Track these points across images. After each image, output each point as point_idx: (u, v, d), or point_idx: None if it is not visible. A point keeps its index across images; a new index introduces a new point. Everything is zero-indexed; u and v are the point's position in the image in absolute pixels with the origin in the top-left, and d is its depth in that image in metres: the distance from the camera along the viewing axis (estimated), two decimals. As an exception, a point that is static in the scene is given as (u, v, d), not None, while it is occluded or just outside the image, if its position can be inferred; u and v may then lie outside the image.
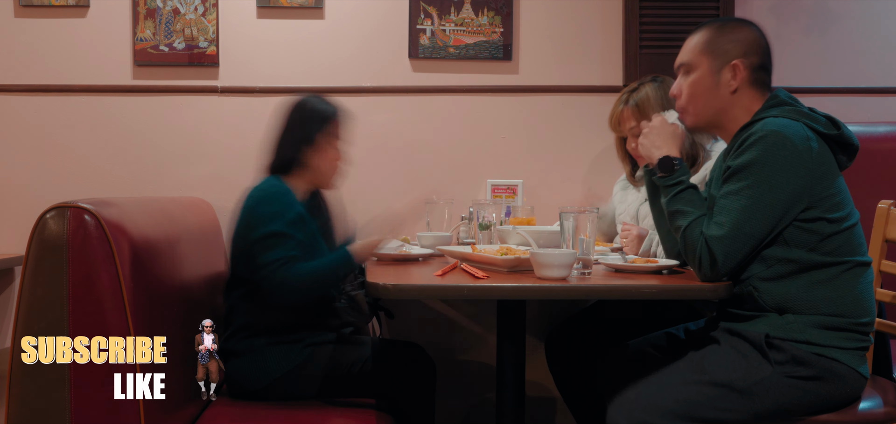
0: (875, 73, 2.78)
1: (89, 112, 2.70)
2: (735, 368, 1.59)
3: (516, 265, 1.72)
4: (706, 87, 1.74)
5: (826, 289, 1.61)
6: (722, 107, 1.74)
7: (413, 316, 2.74)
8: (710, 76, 1.74)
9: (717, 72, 1.73)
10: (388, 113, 2.73)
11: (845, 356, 1.61)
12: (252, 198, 1.91)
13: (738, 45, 1.72)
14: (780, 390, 1.58)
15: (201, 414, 1.83)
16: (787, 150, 1.58)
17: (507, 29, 2.72)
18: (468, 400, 2.78)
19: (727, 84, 1.72)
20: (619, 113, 2.27)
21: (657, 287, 1.60)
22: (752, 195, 1.58)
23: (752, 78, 1.72)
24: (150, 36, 2.68)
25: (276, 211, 1.86)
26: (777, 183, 1.58)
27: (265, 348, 1.89)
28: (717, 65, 1.73)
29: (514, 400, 1.81)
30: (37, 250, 1.48)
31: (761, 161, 1.58)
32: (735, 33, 1.74)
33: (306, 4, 2.70)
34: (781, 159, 1.58)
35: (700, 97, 1.75)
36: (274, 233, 1.83)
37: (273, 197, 1.89)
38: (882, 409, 1.67)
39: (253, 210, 1.88)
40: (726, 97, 1.73)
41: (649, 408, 1.57)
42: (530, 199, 2.70)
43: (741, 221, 1.58)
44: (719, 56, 1.73)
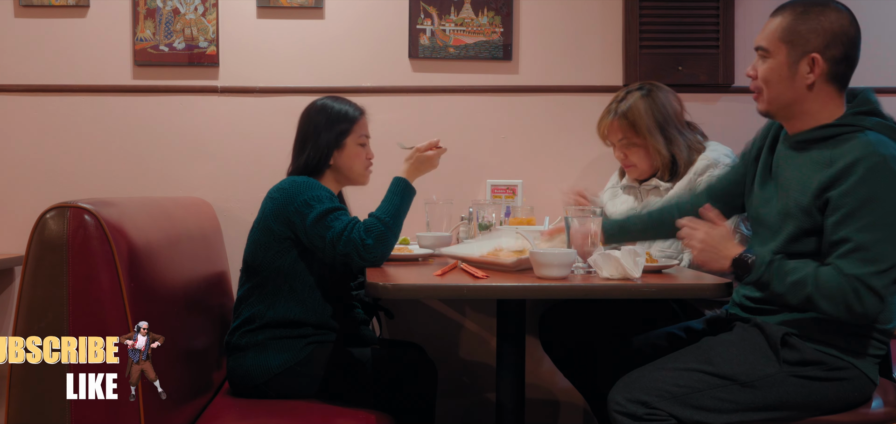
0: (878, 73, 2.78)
1: (89, 112, 2.70)
2: (741, 362, 1.59)
3: (517, 265, 1.72)
4: (781, 77, 1.65)
5: None
6: (796, 98, 1.66)
7: (413, 316, 2.74)
8: (786, 66, 1.64)
9: (795, 63, 1.64)
10: (388, 113, 2.72)
11: (861, 361, 1.61)
12: (284, 191, 1.92)
13: (820, 35, 1.62)
14: (784, 387, 1.58)
15: (202, 413, 1.84)
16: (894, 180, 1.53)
17: (507, 29, 2.72)
18: (468, 400, 2.78)
19: (804, 77, 1.63)
20: (607, 124, 2.25)
21: (657, 286, 1.60)
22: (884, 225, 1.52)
23: (832, 72, 1.63)
24: (150, 36, 2.68)
25: (317, 194, 1.89)
26: None
27: (268, 342, 1.90)
28: (796, 55, 1.63)
29: (514, 400, 1.81)
30: (37, 250, 1.48)
31: (875, 196, 1.53)
32: (819, 20, 1.62)
33: (306, 4, 2.70)
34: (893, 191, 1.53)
35: (774, 86, 1.66)
36: (327, 211, 1.86)
37: (307, 184, 1.92)
38: (883, 409, 1.68)
39: (292, 200, 1.89)
40: (802, 90, 1.65)
41: (648, 389, 1.58)
42: (530, 199, 2.70)
43: (886, 252, 1.52)
44: (798, 45, 1.63)
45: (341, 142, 2.03)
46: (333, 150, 2.03)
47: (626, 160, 2.25)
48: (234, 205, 2.70)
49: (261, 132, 2.71)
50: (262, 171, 2.69)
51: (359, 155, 2.07)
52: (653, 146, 2.17)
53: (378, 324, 2.65)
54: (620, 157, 2.27)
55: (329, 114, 2.04)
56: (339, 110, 2.05)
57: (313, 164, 2.02)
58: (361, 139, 2.07)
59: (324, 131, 2.02)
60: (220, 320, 2.18)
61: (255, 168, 2.70)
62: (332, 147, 2.03)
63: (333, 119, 2.04)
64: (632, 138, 2.20)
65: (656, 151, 2.17)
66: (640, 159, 2.22)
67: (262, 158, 2.70)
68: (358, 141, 2.06)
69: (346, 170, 2.06)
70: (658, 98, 2.18)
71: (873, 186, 1.53)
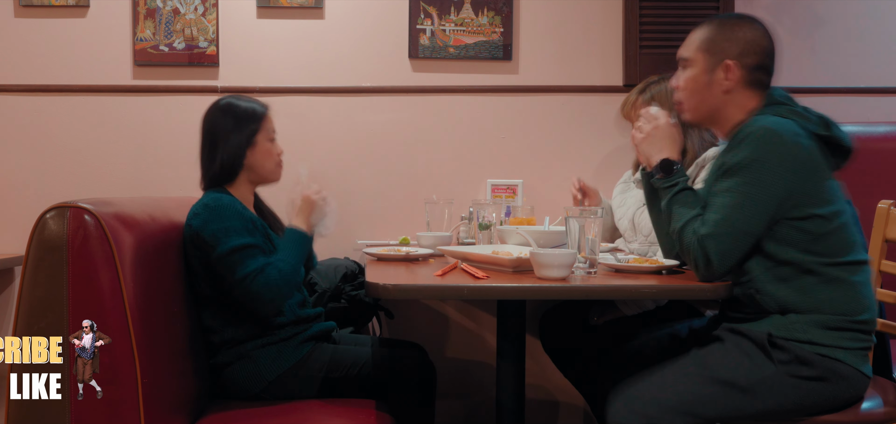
0: (871, 73, 2.78)
1: (89, 112, 2.70)
2: (738, 366, 1.59)
3: (518, 265, 1.72)
4: (700, 85, 1.74)
5: (825, 290, 1.61)
6: (716, 105, 1.74)
7: (413, 316, 2.74)
8: (704, 74, 1.73)
9: (711, 70, 1.72)
10: (388, 113, 2.73)
11: (848, 356, 1.61)
12: (198, 218, 1.86)
13: (736, 44, 1.71)
14: (782, 389, 1.58)
15: (203, 412, 1.83)
16: (777, 147, 1.58)
17: (507, 29, 2.72)
18: (468, 400, 2.78)
19: (720, 83, 1.72)
20: (633, 101, 2.27)
21: (657, 287, 1.60)
22: (743, 192, 1.58)
23: (748, 78, 1.71)
24: (150, 36, 2.68)
25: (229, 225, 1.83)
26: (767, 180, 1.58)
27: (254, 352, 1.88)
28: (712, 63, 1.72)
29: (514, 400, 1.81)
30: (37, 250, 1.48)
31: (752, 158, 1.58)
32: (735, 32, 1.73)
33: (306, 4, 2.70)
34: (772, 156, 1.58)
35: (695, 94, 1.76)
36: (237, 248, 1.81)
37: (220, 211, 1.85)
38: (882, 409, 1.68)
39: (203, 229, 1.83)
40: (719, 96, 1.73)
41: (652, 402, 1.57)
42: (530, 199, 2.70)
43: (733, 218, 1.58)
44: (715, 54, 1.72)
45: (253, 141, 1.97)
46: (246, 150, 1.96)
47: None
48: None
49: (261, 132, 2.71)
50: (262, 171, 2.69)
51: (270, 152, 2.00)
52: None
53: (378, 324, 2.65)
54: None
55: (237, 114, 1.97)
56: (246, 108, 1.99)
57: (228, 168, 1.96)
58: (271, 135, 2.01)
59: (233, 132, 1.96)
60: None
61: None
62: (244, 147, 1.96)
63: (242, 118, 1.97)
64: None
65: None
66: None
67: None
68: (268, 137, 2.00)
69: (258, 169, 1.99)
70: None
71: (749, 148, 1.60)
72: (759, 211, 1.58)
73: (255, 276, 1.79)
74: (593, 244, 1.69)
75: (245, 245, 1.83)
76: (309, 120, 2.71)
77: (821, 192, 1.62)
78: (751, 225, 1.59)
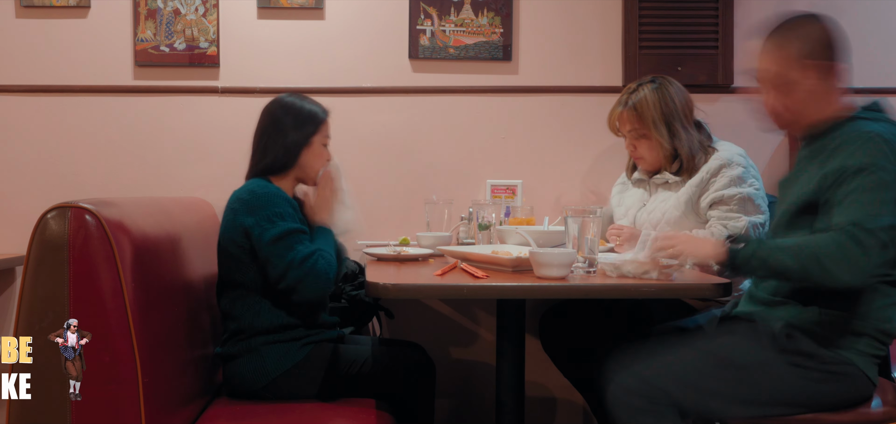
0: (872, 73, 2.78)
1: (90, 112, 2.70)
2: (737, 346, 1.61)
3: (517, 264, 1.72)
4: (818, 94, 1.68)
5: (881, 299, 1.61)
6: (822, 108, 1.69)
7: (413, 316, 2.75)
8: (819, 82, 1.67)
9: (825, 76, 1.67)
10: (388, 113, 2.73)
11: (859, 359, 1.61)
12: (243, 202, 1.89)
13: (827, 44, 1.68)
14: (780, 375, 1.59)
15: (202, 413, 1.84)
16: (889, 154, 1.55)
17: (507, 29, 2.72)
18: (468, 400, 2.78)
19: (833, 85, 1.68)
20: (617, 114, 2.27)
21: (657, 286, 1.60)
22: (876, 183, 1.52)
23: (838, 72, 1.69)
24: (150, 36, 2.69)
25: (281, 210, 1.87)
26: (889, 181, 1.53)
27: (263, 347, 1.89)
28: (821, 69, 1.67)
29: (514, 400, 1.81)
30: (38, 250, 1.48)
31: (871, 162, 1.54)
32: (824, 33, 1.69)
33: (306, 5, 2.70)
34: (887, 161, 1.55)
35: (810, 105, 1.68)
36: (290, 231, 1.84)
37: (270, 197, 1.88)
38: (882, 409, 1.68)
39: (252, 213, 1.86)
40: (825, 97, 1.69)
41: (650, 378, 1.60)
42: (530, 199, 2.70)
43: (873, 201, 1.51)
44: (817, 58, 1.67)
45: (309, 141, 2.00)
46: (302, 149, 2.00)
47: (636, 151, 2.26)
48: (234, 206, 2.70)
49: (261, 132, 2.71)
50: (263, 172, 2.70)
51: (322, 155, 2.03)
52: (656, 138, 2.18)
53: (378, 324, 2.66)
54: (630, 148, 2.28)
55: (298, 113, 2.01)
56: (308, 110, 2.02)
57: (280, 162, 1.99)
58: (325, 140, 2.05)
59: (292, 130, 1.99)
60: (221, 320, 2.18)
61: (255, 168, 2.71)
62: (300, 146, 1.99)
63: (302, 118, 2.01)
64: (640, 130, 2.21)
65: (659, 144, 2.18)
66: (647, 151, 2.23)
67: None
68: (322, 141, 2.03)
69: (307, 169, 2.02)
70: (668, 91, 2.19)
71: (869, 152, 1.54)
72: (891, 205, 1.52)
73: (308, 259, 1.81)
74: (592, 244, 1.70)
75: (297, 230, 1.85)
76: (309, 120, 2.71)
77: None
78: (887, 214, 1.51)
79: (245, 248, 1.88)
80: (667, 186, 2.22)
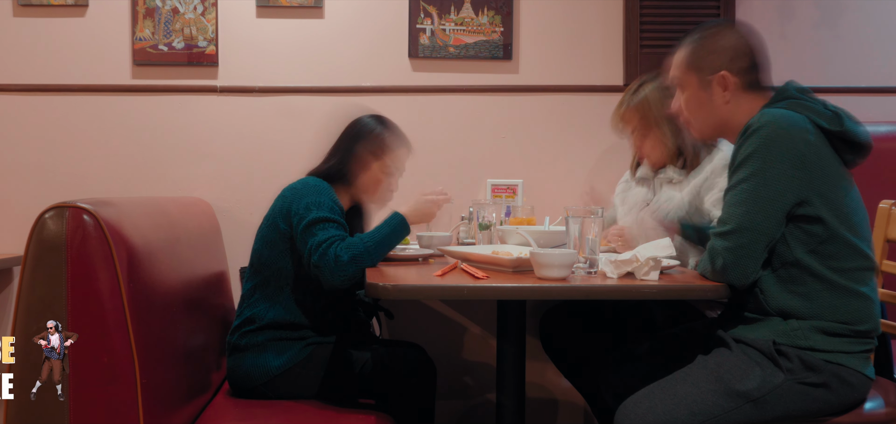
0: (872, 73, 2.78)
1: (88, 112, 2.70)
2: (750, 376, 1.56)
3: (518, 265, 1.71)
4: (701, 102, 1.72)
5: (830, 297, 1.58)
6: (722, 117, 1.71)
7: (413, 316, 2.74)
8: (701, 91, 1.72)
9: (707, 86, 1.71)
10: (387, 112, 2.71)
11: (851, 360, 1.59)
12: (295, 190, 1.95)
13: (721, 54, 1.69)
14: (791, 397, 1.55)
15: (201, 413, 1.83)
16: (781, 141, 1.54)
17: (507, 28, 2.72)
18: (468, 400, 2.78)
19: (720, 96, 1.70)
20: (621, 114, 2.26)
21: (657, 287, 1.59)
22: (750, 188, 1.55)
23: (745, 82, 1.69)
24: (149, 35, 2.68)
25: (319, 200, 1.90)
26: (773, 175, 1.54)
27: (267, 343, 1.90)
28: (705, 79, 1.70)
29: (514, 400, 1.80)
30: (36, 250, 1.48)
31: (756, 153, 1.55)
32: (717, 42, 1.70)
33: (306, 4, 2.69)
34: (776, 151, 1.54)
35: (699, 112, 1.74)
36: (319, 219, 1.86)
37: (318, 189, 1.93)
38: (884, 410, 1.67)
39: (296, 200, 1.91)
40: (722, 107, 1.70)
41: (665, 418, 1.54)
42: (530, 199, 2.70)
43: (742, 215, 1.55)
44: (705, 70, 1.70)
45: (368, 165, 2.06)
46: (358, 169, 2.05)
47: (640, 149, 2.25)
48: (233, 205, 2.69)
49: (260, 132, 2.71)
50: (262, 171, 2.69)
51: (379, 183, 2.08)
52: (660, 136, 2.17)
53: (378, 324, 2.65)
54: (634, 146, 2.27)
55: (368, 134, 2.07)
56: (379, 134, 2.08)
57: (334, 171, 2.04)
58: (389, 170, 2.09)
59: (356, 147, 2.06)
60: (220, 320, 2.18)
61: (254, 168, 2.70)
62: (357, 165, 2.05)
63: (370, 141, 2.07)
64: (643, 127, 2.20)
65: (663, 141, 2.18)
66: (652, 148, 2.22)
67: (262, 158, 2.69)
68: (385, 169, 2.08)
69: (362, 191, 2.08)
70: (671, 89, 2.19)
71: (754, 142, 1.56)
72: (767, 208, 1.54)
73: (322, 244, 1.81)
74: (593, 244, 1.69)
75: (326, 218, 1.87)
76: (309, 120, 2.70)
77: (829, 193, 1.57)
78: (761, 221, 1.54)
79: (286, 234, 1.92)
80: (671, 183, 2.22)
